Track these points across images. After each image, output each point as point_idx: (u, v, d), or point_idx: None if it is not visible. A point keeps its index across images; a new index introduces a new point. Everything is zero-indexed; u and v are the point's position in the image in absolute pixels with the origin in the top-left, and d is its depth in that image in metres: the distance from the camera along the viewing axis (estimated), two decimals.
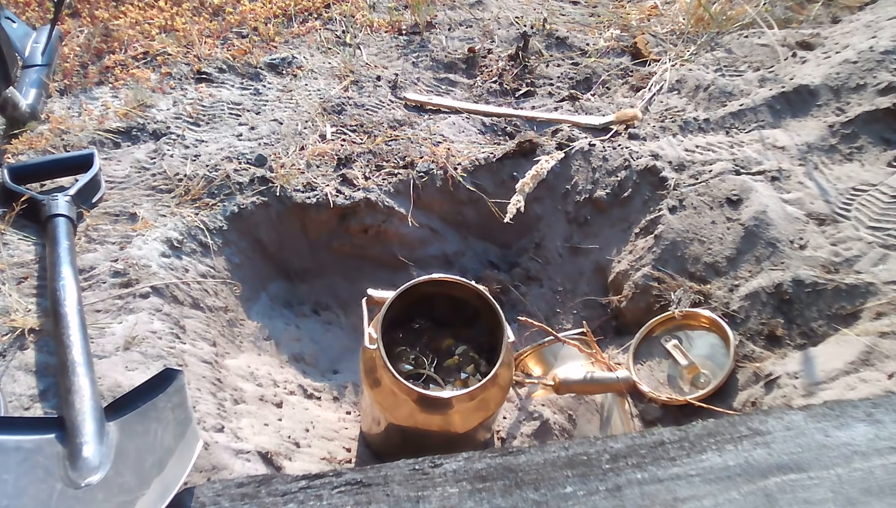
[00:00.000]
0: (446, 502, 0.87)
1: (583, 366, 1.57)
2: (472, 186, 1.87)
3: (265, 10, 2.51)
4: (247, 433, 1.34)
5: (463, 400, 1.22)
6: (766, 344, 1.45)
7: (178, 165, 1.80)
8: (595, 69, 2.30)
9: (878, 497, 0.86)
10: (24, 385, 1.25)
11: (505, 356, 1.23)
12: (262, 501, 0.90)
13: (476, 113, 2.11)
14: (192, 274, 1.58)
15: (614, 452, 0.93)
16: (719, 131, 1.94)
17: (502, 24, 2.51)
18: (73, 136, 1.88)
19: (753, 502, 0.86)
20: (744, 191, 1.66)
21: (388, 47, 2.40)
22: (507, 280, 1.89)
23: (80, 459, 1.05)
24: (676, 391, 1.48)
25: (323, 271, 1.88)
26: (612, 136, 1.98)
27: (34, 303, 1.40)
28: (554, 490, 0.88)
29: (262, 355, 1.63)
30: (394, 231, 1.85)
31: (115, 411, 1.15)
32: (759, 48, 2.22)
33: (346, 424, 1.58)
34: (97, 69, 2.20)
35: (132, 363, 1.30)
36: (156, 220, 1.65)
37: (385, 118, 2.05)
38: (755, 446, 0.93)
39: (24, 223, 1.58)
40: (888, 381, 1.22)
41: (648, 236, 1.73)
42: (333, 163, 1.87)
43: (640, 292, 1.67)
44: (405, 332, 1.46)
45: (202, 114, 2.02)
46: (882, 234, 1.52)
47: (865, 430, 0.95)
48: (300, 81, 2.20)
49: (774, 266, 1.51)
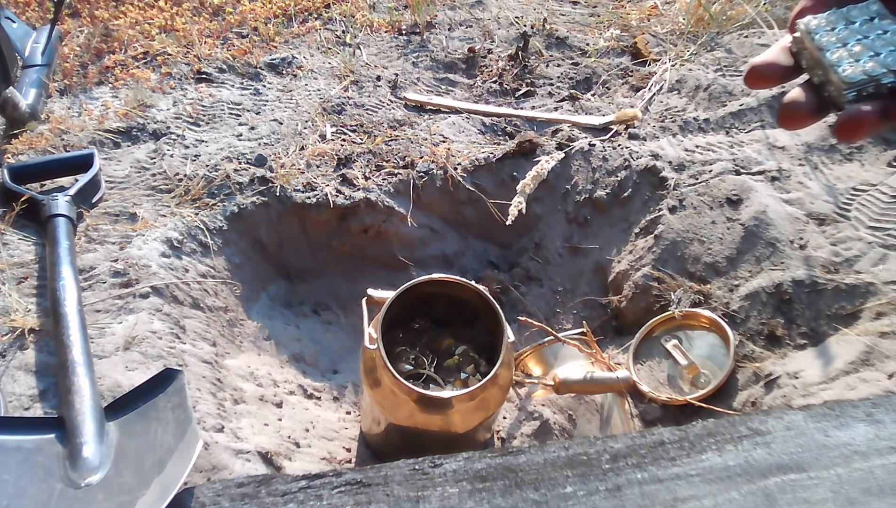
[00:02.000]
0: (446, 502, 0.87)
1: (583, 366, 1.57)
2: (472, 186, 1.87)
3: (265, 10, 2.51)
4: (247, 433, 1.34)
5: (463, 400, 1.22)
6: (766, 344, 1.45)
7: (178, 165, 1.80)
8: (595, 69, 2.30)
9: (878, 497, 0.86)
10: (24, 385, 1.25)
11: (505, 356, 1.23)
12: (262, 501, 0.90)
13: (476, 113, 2.11)
14: (192, 274, 1.58)
15: (614, 452, 0.93)
16: (719, 131, 1.94)
17: (502, 24, 2.51)
18: (73, 136, 1.88)
19: (753, 502, 0.86)
20: (744, 191, 1.66)
21: (388, 47, 2.40)
22: (507, 280, 1.89)
23: (80, 459, 1.05)
24: (676, 391, 1.48)
25: (323, 271, 1.88)
26: (612, 136, 1.98)
27: (34, 303, 1.40)
28: (554, 490, 0.88)
29: (262, 355, 1.63)
30: (394, 231, 1.85)
31: (115, 411, 1.14)
32: (759, 48, 2.22)
33: (346, 424, 1.58)
34: (97, 69, 2.20)
35: (132, 363, 1.30)
36: (156, 220, 1.65)
37: (385, 118, 2.05)
38: (755, 446, 0.93)
39: (24, 223, 1.58)
40: (888, 381, 1.22)
41: (648, 236, 1.73)
42: (333, 163, 1.87)
43: (640, 292, 1.67)
44: (405, 332, 1.46)
45: (202, 114, 2.02)
46: (882, 234, 1.52)
47: (865, 430, 0.95)
48: (300, 81, 2.20)
49: (774, 266, 1.51)
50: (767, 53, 0.50)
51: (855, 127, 0.46)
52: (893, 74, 0.46)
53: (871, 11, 0.48)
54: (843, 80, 0.46)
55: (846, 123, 0.46)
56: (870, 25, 0.48)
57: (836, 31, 0.48)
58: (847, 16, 0.48)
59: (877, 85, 0.46)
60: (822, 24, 0.48)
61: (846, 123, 0.46)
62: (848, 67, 0.46)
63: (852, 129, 0.46)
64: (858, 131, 0.46)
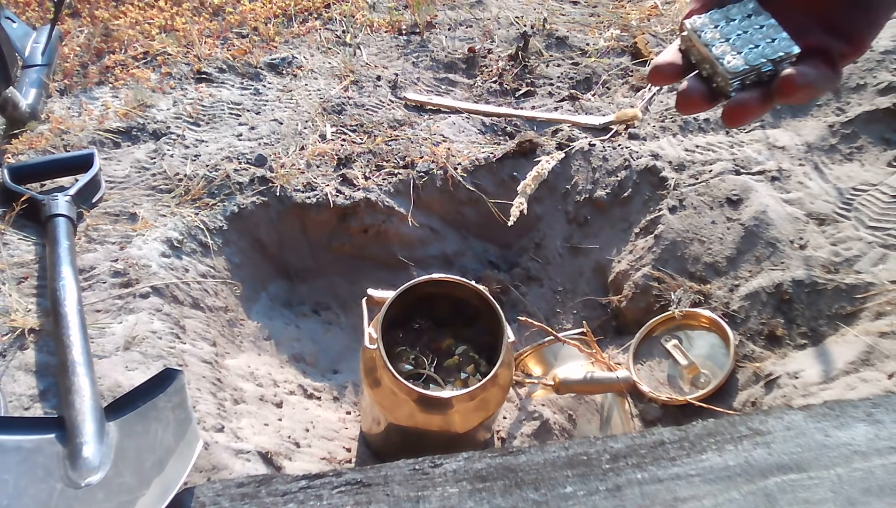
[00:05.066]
0: (446, 502, 0.87)
1: (583, 366, 1.57)
2: (472, 186, 1.87)
3: (265, 10, 2.51)
4: (247, 433, 1.34)
5: (463, 400, 1.22)
6: (766, 344, 1.45)
7: (178, 165, 1.80)
8: (595, 69, 2.30)
9: (878, 497, 0.86)
10: (24, 385, 1.25)
11: (505, 356, 1.23)
12: (262, 501, 0.90)
13: (476, 113, 2.11)
14: (192, 274, 1.58)
15: (614, 452, 0.93)
16: (719, 131, 1.94)
17: (502, 24, 2.51)
18: (73, 136, 1.88)
19: (753, 502, 0.86)
20: (744, 191, 1.66)
21: (388, 47, 2.40)
22: (507, 280, 1.89)
23: (80, 459, 1.05)
24: (676, 391, 1.48)
25: (323, 271, 1.88)
26: (612, 136, 1.98)
27: (34, 303, 1.40)
28: (554, 489, 0.88)
29: (262, 355, 1.63)
30: (394, 231, 1.85)
31: (115, 411, 1.15)
32: None
33: (346, 424, 1.58)
34: (97, 69, 2.20)
35: (132, 363, 1.30)
36: (156, 220, 1.65)
37: (385, 118, 2.05)
38: (755, 446, 0.93)
39: (24, 223, 1.58)
40: (888, 381, 1.22)
41: (648, 236, 1.73)
42: (333, 163, 1.87)
43: (640, 292, 1.67)
44: (405, 332, 1.46)
45: (202, 114, 2.02)
46: (882, 234, 1.52)
47: (865, 430, 0.95)
48: (300, 80, 2.20)
49: (774, 266, 1.51)
50: (665, 54, 0.55)
51: (741, 112, 0.50)
52: (771, 62, 0.50)
53: (749, 9, 0.53)
54: (727, 70, 0.50)
55: (732, 109, 0.50)
56: (748, 21, 0.52)
57: (718, 28, 0.52)
58: (727, 14, 0.53)
59: (758, 73, 0.50)
60: (706, 23, 0.53)
61: (732, 109, 0.50)
62: (731, 59, 0.50)
63: (738, 114, 0.50)
64: (744, 116, 0.50)
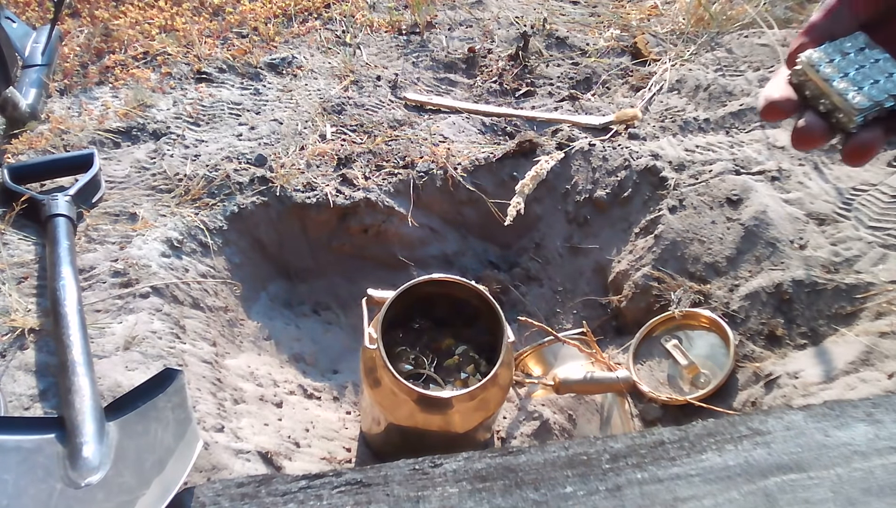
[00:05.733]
0: (446, 502, 0.87)
1: (583, 366, 1.57)
2: (472, 186, 1.87)
3: (265, 10, 2.51)
4: (247, 433, 1.34)
5: (463, 400, 1.22)
6: (766, 344, 1.45)
7: (178, 165, 1.80)
8: (595, 69, 2.30)
9: (878, 497, 0.86)
10: (24, 385, 1.25)
11: (505, 356, 1.23)
12: (262, 501, 0.90)
13: (476, 113, 2.11)
14: (192, 274, 1.58)
15: (614, 452, 0.93)
16: (719, 131, 1.94)
17: (502, 24, 2.51)
18: (73, 136, 1.88)
19: (753, 502, 0.86)
20: (744, 191, 1.66)
21: (388, 47, 2.40)
22: (507, 280, 1.89)
23: (80, 459, 1.05)
24: (676, 391, 1.48)
25: (323, 271, 1.88)
26: (612, 136, 1.98)
27: (34, 303, 1.40)
28: (554, 489, 0.88)
29: (262, 355, 1.63)
30: (394, 231, 1.85)
31: (115, 411, 1.14)
32: (759, 48, 2.22)
33: (346, 424, 1.58)
34: (97, 69, 2.20)
35: (132, 363, 1.30)
36: (156, 220, 1.65)
37: (385, 118, 2.05)
38: (755, 446, 0.93)
39: (24, 223, 1.58)
40: (888, 381, 1.22)
41: (648, 236, 1.73)
42: (333, 163, 1.87)
43: (640, 292, 1.67)
44: (405, 332, 1.46)
45: (202, 114, 2.02)
46: (882, 234, 1.52)
47: (865, 430, 0.95)
48: (300, 80, 2.20)
49: (774, 266, 1.51)
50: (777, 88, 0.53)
51: (866, 151, 0.49)
52: (893, 98, 0.50)
53: (860, 42, 0.52)
54: (853, 106, 0.49)
55: (857, 149, 0.50)
56: (863, 56, 0.52)
57: (835, 63, 0.51)
58: (841, 48, 0.52)
59: (880, 109, 0.50)
60: (822, 57, 0.52)
61: (857, 149, 0.50)
62: (856, 95, 0.49)
63: (864, 153, 0.50)
64: (869, 154, 0.50)
